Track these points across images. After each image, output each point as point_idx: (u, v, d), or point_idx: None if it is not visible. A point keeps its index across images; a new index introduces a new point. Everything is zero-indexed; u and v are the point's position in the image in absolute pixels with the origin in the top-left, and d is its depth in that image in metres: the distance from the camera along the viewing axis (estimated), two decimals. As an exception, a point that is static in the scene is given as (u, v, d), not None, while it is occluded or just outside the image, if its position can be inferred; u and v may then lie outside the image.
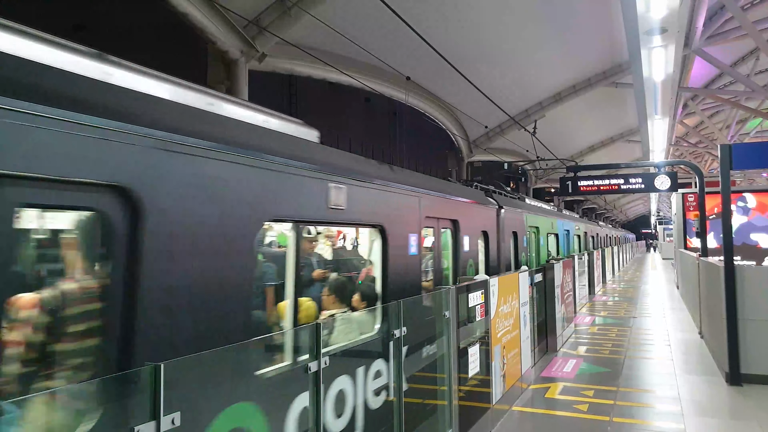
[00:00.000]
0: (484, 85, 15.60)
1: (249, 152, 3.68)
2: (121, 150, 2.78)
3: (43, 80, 2.61)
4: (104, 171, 2.70)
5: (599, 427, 5.96)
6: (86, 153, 2.62)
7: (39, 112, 2.42)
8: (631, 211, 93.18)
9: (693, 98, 19.97)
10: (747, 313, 7.43)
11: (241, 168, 3.58)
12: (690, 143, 27.04)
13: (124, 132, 2.80)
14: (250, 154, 3.68)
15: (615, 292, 19.79)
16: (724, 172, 7.79)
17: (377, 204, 5.57)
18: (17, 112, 2.34)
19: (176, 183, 3.08)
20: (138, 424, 1.94)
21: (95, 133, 2.66)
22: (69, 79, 2.79)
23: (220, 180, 3.39)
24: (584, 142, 35.14)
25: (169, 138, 3.05)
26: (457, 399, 5.00)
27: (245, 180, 3.61)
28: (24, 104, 2.37)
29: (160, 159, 2.99)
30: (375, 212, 5.53)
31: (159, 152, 2.98)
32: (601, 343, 10.34)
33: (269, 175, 3.86)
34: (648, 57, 10.78)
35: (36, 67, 2.67)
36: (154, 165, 2.95)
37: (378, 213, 5.59)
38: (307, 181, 4.33)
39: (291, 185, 4.12)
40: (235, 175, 3.53)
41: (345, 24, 13.39)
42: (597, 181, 13.61)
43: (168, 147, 3.04)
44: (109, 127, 2.73)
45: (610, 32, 17.87)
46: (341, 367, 3.53)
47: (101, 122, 2.70)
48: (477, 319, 5.71)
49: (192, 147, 3.20)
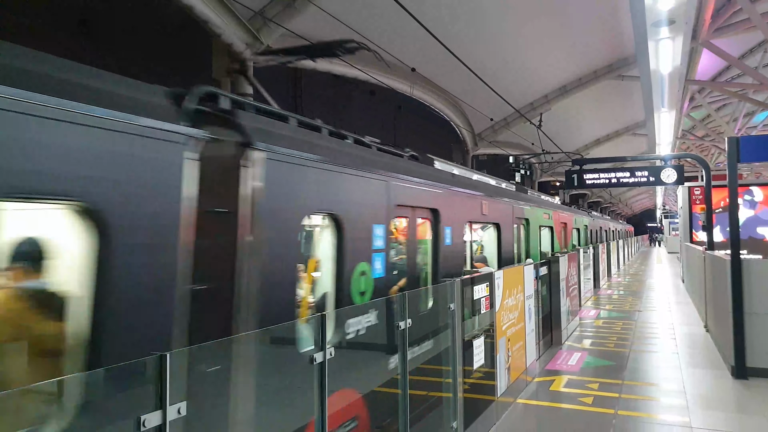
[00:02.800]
0: (490, 78, 15.52)
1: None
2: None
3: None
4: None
5: (604, 419, 5.96)
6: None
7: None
8: (637, 204, 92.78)
9: (700, 91, 19.81)
10: (753, 306, 7.40)
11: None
12: (697, 137, 26.86)
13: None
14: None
15: (620, 286, 19.74)
16: (732, 165, 7.75)
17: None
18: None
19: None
20: (144, 413, 1.95)
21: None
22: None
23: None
24: (590, 136, 34.95)
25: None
26: (462, 391, 5.00)
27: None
28: None
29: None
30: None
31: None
32: (606, 337, 10.33)
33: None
34: (655, 49, 10.68)
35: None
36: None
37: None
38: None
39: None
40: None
41: (350, 15, 13.34)
42: (602, 174, 13.53)
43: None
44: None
45: (617, 24, 17.73)
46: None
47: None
48: (482, 312, 5.70)
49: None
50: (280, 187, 3.77)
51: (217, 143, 3.39)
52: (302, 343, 3.38)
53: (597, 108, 28.66)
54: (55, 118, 2.39)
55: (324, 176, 4.29)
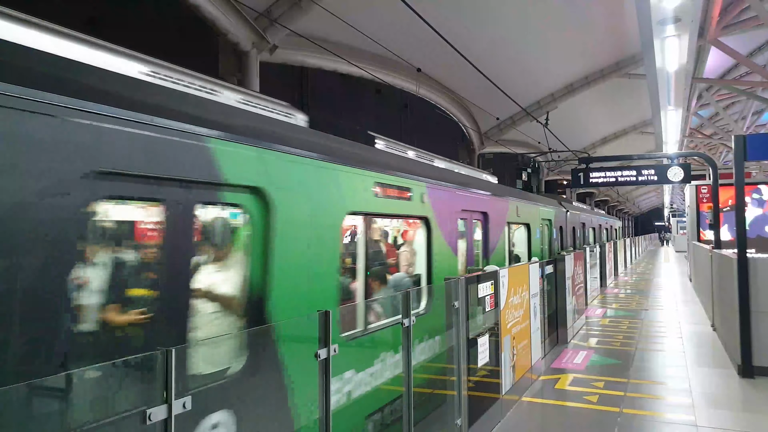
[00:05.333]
0: (496, 76, 15.49)
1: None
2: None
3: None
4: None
5: (609, 418, 5.96)
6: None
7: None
8: (645, 203, 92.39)
9: (708, 89, 19.70)
10: (760, 305, 7.38)
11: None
12: (705, 135, 26.72)
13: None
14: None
15: (627, 285, 19.68)
16: (739, 163, 7.71)
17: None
18: None
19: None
20: (150, 407, 1.99)
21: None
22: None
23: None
24: (597, 134, 34.84)
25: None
26: (466, 389, 5.02)
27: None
28: None
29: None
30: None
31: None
32: (613, 335, 10.31)
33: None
34: (661, 47, 10.64)
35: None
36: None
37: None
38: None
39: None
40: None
41: (356, 15, 13.36)
42: (609, 173, 13.48)
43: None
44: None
45: (624, 22, 17.65)
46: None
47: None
48: (487, 310, 5.72)
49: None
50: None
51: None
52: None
53: (604, 106, 28.56)
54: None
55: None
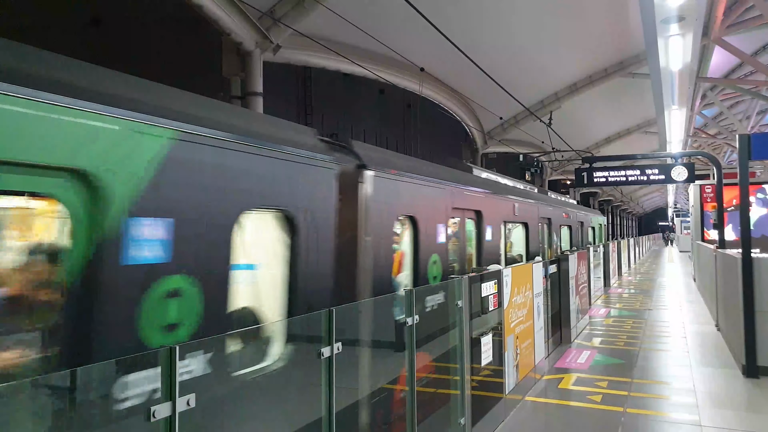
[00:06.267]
0: (499, 76, 15.46)
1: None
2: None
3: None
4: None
5: (613, 417, 5.95)
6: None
7: None
8: (648, 203, 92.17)
9: (712, 88, 19.63)
10: (764, 305, 7.35)
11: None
12: (709, 134, 26.62)
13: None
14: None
15: (631, 285, 19.64)
16: (743, 162, 7.69)
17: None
18: None
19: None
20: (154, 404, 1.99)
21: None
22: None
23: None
24: (600, 134, 34.75)
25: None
26: (469, 389, 5.02)
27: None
28: None
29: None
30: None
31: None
32: (616, 335, 10.29)
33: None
34: (665, 46, 10.60)
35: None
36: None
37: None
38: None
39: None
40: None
41: (359, 14, 13.36)
42: (612, 173, 13.45)
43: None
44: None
45: (627, 21, 17.60)
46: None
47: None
48: (490, 309, 5.71)
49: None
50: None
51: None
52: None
53: (608, 106, 28.48)
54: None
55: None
